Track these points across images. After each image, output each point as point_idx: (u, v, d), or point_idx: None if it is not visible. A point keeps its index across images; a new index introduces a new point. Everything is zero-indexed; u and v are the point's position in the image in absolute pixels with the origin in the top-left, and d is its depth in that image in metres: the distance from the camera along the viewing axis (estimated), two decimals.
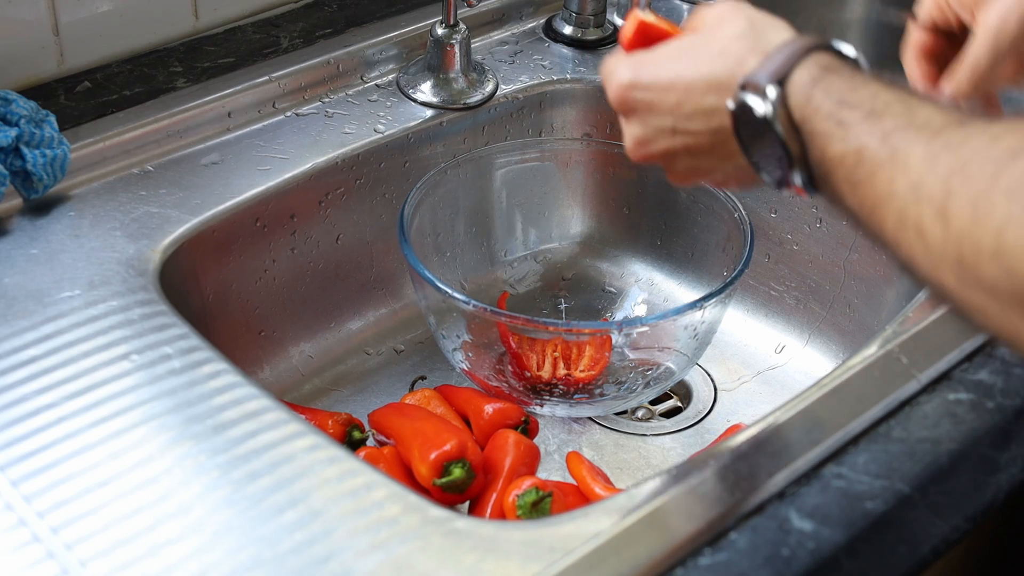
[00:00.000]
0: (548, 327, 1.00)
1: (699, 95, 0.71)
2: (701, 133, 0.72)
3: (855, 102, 0.63)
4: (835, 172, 0.64)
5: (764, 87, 0.66)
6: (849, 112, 0.63)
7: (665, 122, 0.73)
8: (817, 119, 0.64)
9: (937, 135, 0.59)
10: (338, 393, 1.07)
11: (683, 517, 0.71)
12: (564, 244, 1.20)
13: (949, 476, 0.76)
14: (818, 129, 0.64)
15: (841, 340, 1.10)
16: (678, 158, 0.75)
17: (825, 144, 0.64)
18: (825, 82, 0.65)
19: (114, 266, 0.89)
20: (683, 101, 0.72)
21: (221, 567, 0.67)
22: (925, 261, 0.59)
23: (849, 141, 0.62)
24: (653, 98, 0.73)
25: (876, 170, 0.61)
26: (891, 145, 0.61)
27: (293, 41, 1.14)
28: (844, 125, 0.63)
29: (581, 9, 1.21)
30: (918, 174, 0.59)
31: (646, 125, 0.74)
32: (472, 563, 0.68)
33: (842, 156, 0.63)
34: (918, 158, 0.59)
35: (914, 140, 0.60)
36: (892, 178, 0.60)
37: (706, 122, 0.71)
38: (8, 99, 0.93)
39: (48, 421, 0.75)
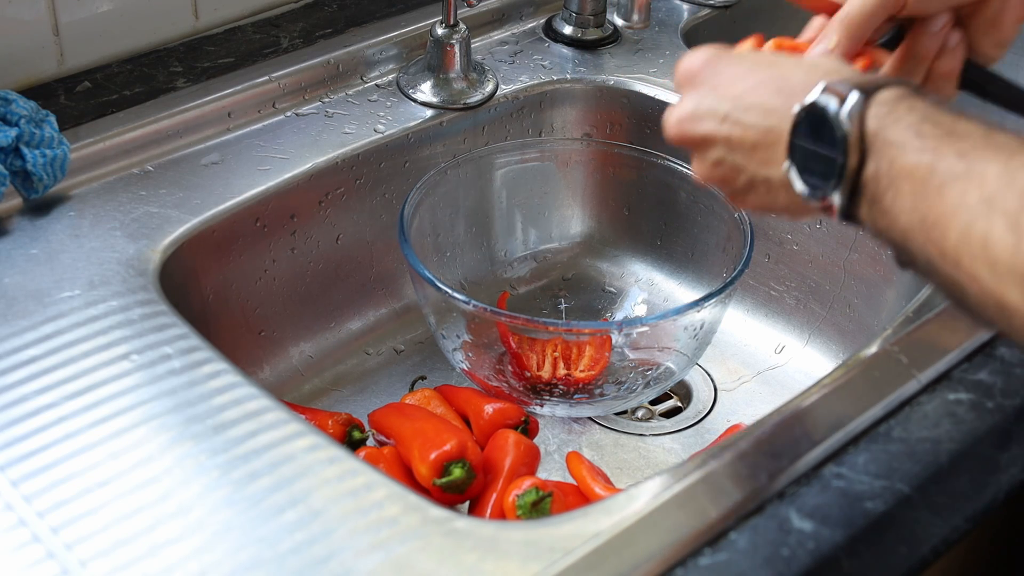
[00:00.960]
0: (548, 327, 1.00)
1: (768, 92, 0.71)
2: (752, 127, 0.71)
3: (936, 120, 0.64)
4: (899, 185, 0.63)
5: (846, 93, 0.66)
6: (930, 127, 0.63)
7: (722, 106, 0.72)
8: (895, 128, 0.64)
9: (1014, 155, 0.60)
10: (338, 393, 1.07)
11: (683, 517, 0.71)
12: (564, 244, 1.20)
13: (949, 476, 0.76)
14: (893, 138, 0.64)
15: (841, 340, 1.10)
16: (714, 147, 0.74)
17: (897, 154, 0.64)
18: (909, 100, 0.65)
19: (114, 266, 0.89)
20: (748, 92, 0.71)
21: (221, 567, 0.67)
22: (988, 276, 0.59)
23: (925, 153, 0.62)
24: (721, 80, 0.73)
25: (948, 183, 0.61)
26: (967, 161, 0.61)
27: (293, 41, 1.14)
28: (923, 137, 0.63)
29: (581, 9, 1.21)
30: (993, 188, 0.59)
31: (700, 102, 0.74)
32: (472, 563, 0.68)
33: (914, 167, 0.63)
34: (995, 174, 0.59)
35: (992, 158, 0.60)
36: (965, 191, 0.60)
37: (763, 118, 0.71)
38: (8, 99, 0.93)
39: (48, 421, 0.75)
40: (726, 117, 0.72)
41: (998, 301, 0.59)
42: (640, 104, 1.16)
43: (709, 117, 0.73)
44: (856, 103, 0.65)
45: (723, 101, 0.72)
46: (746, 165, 0.73)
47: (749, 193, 0.74)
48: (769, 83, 0.71)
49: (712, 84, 0.73)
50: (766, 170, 0.71)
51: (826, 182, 0.67)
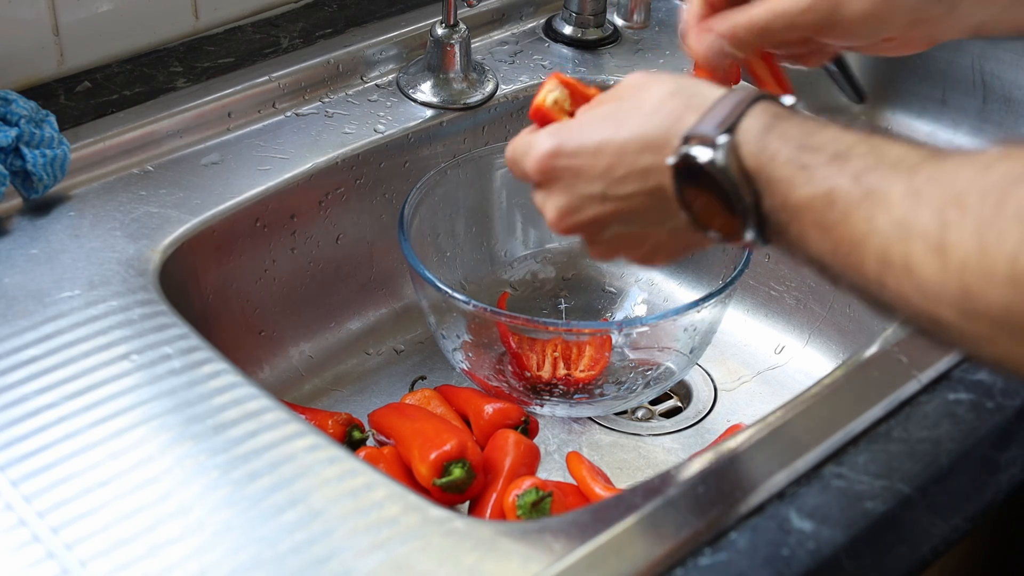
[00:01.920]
0: (548, 327, 1.00)
1: (632, 156, 0.68)
2: (636, 196, 0.69)
3: (816, 145, 0.62)
4: (801, 218, 0.61)
5: (713, 137, 0.64)
6: (811, 155, 0.61)
7: (594, 188, 0.70)
8: (775, 165, 0.62)
9: (915, 171, 0.58)
10: (338, 393, 1.07)
11: (683, 517, 0.71)
12: (564, 244, 1.20)
13: (949, 476, 0.76)
14: (778, 175, 0.62)
15: (841, 340, 1.10)
16: (607, 226, 0.71)
17: (787, 191, 0.62)
18: (779, 128, 0.63)
19: (114, 266, 0.89)
20: (615, 164, 0.69)
21: (221, 567, 0.67)
22: (918, 297, 0.57)
23: (816, 184, 0.60)
24: (581, 164, 0.70)
25: (851, 210, 0.59)
26: (864, 184, 0.59)
27: (293, 41, 1.14)
28: (808, 169, 0.61)
29: (581, 9, 1.21)
30: (902, 210, 0.57)
31: (572, 193, 0.71)
32: (472, 563, 0.68)
33: (810, 200, 0.61)
34: (899, 194, 0.57)
35: (891, 177, 0.58)
36: (871, 217, 0.58)
37: (642, 183, 0.68)
38: (8, 99, 0.93)
39: (48, 421, 0.75)
40: (604, 196, 0.70)
41: (931, 318, 0.58)
42: None
43: (588, 203, 0.71)
44: (727, 146, 0.63)
45: (593, 182, 0.70)
46: (645, 228, 0.71)
47: (658, 252, 0.73)
48: (630, 145, 0.68)
49: (573, 171, 0.70)
50: (667, 224, 0.69)
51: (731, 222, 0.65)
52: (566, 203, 0.72)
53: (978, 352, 0.58)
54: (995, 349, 0.56)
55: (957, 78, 1.37)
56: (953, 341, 0.58)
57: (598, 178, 0.69)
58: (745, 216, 0.64)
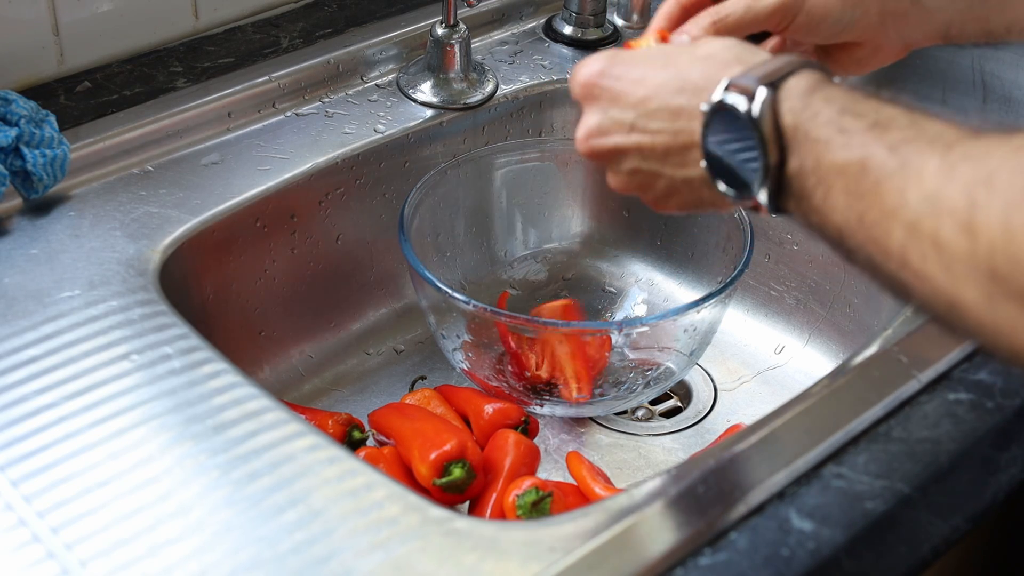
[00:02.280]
0: (548, 327, 1.00)
1: (669, 94, 0.69)
2: (661, 132, 0.69)
3: (859, 111, 0.61)
4: (831, 182, 0.61)
5: (753, 89, 0.64)
6: (853, 120, 0.61)
7: (626, 115, 0.71)
8: (815, 124, 0.62)
9: (951, 147, 0.57)
10: (338, 393, 1.07)
11: (683, 517, 0.71)
12: (564, 244, 1.20)
13: (949, 476, 0.76)
14: (816, 135, 0.62)
15: (841, 340, 1.10)
16: (626, 157, 0.72)
17: (823, 152, 0.61)
18: (824, 91, 0.63)
19: (114, 266, 0.89)
20: (650, 96, 0.70)
21: (221, 567, 0.67)
22: (942, 276, 0.56)
23: (853, 149, 0.60)
24: (621, 88, 0.71)
25: (884, 180, 0.58)
26: (901, 156, 0.58)
27: (293, 41, 1.14)
28: (847, 132, 0.60)
29: (581, 9, 1.21)
30: (934, 185, 0.56)
31: (605, 115, 0.72)
32: (472, 563, 0.68)
33: (844, 165, 0.60)
34: (932, 169, 0.56)
35: (927, 151, 0.57)
36: (903, 189, 0.57)
37: (670, 121, 0.69)
38: (8, 99, 0.93)
39: (48, 421, 0.75)
40: (633, 126, 0.70)
41: (951, 300, 0.56)
42: None
43: (615, 129, 0.71)
44: (766, 100, 0.63)
45: (627, 110, 0.71)
46: (662, 170, 0.71)
47: (671, 197, 0.73)
48: (670, 83, 0.69)
49: (612, 94, 0.71)
50: (684, 172, 0.70)
51: (748, 180, 0.65)
52: (596, 123, 0.73)
53: (997, 342, 0.56)
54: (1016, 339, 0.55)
55: (957, 78, 1.37)
56: (969, 328, 0.57)
57: (632, 106, 0.70)
58: (763, 175, 0.64)
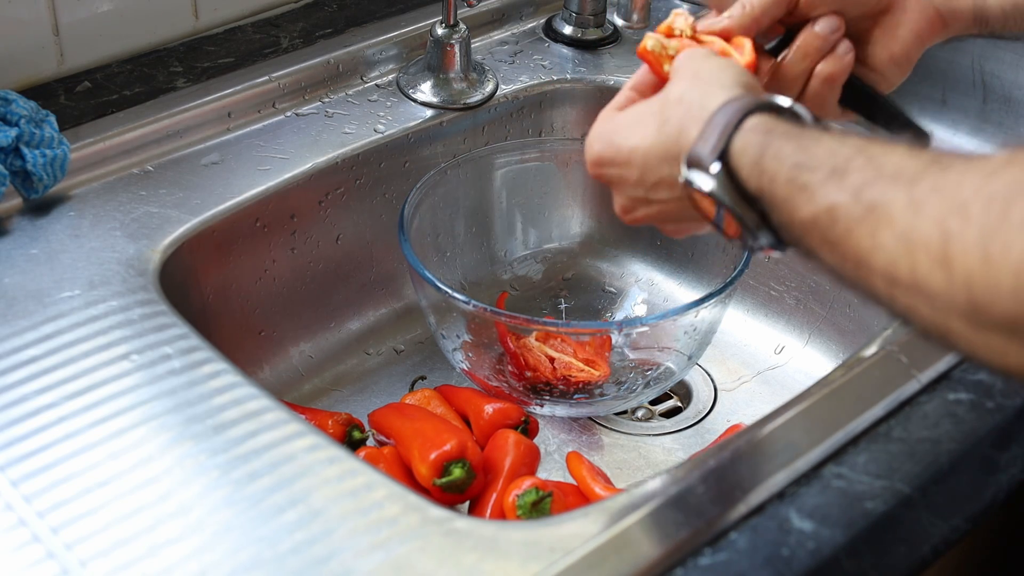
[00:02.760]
0: (548, 327, 1.00)
1: (656, 167, 0.72)
2: (669, 201, 0.73)
3: (812, 163, 0.62)
4: (808, 234, 0.62)
5: (708, 164, 0.66)
6: (809, 174, 0.61)
7: (637, 192, 0.75)
8: (775, 187, 0.63)
9: (916, 181, 0.57)
10: (338, 393, 1.07)
11: (683, 517, 0.71)
12: (564, 244, 1.20)
13: (949, 476, 0.76)
14: (780, 196, 0.63)
15: (841, 340, 1.10)
16: (662, 221, 0.77)
17: (792, 210, 0.62)
18: (773, 148, 0.64)
19: (114, 266, 0.89)
20: (645, 174, 0.73)
21: (221, 567, 0.67)
22: (927, 311, 0.56)
23: (817, 202, 0.61)
24: (620, 173, 0.75)
25: (853, 227, 0.59)
26: (866, 200, 0.58)
27: (293, 41, 1.14)
28: (807, 188, 0.61)
29: (581, 9, 1.21)
30: (904, 224, 0.56)
31: (624, 196, 0.76)
32: (472, 563, 0.68)
33: (813, 218, 0.61)
34: (900, 206, 0.56)
35: (891, 190, 0.57)
36: (874, 232, 0.58)
37: (670, 191, 0.72)
38: (8, 99, 0.93)
39: (48, 421, 0.75)
40: (647, 199, 0.75)
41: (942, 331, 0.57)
42: None
43: (638, 204, 0.76)
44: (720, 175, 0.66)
45: (635, 188, 0.75)
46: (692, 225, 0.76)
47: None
48: (652, 156, 0.72)
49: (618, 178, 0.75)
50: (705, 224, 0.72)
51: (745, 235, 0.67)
52: (621, 204, 0.77)
53: (991, 362, 0.56)
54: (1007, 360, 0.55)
55: (957, 78, 1.37)
56: (967, 352, 0.57)
57: (636, 185, 0.74)
58: (755, 230, 0.66)
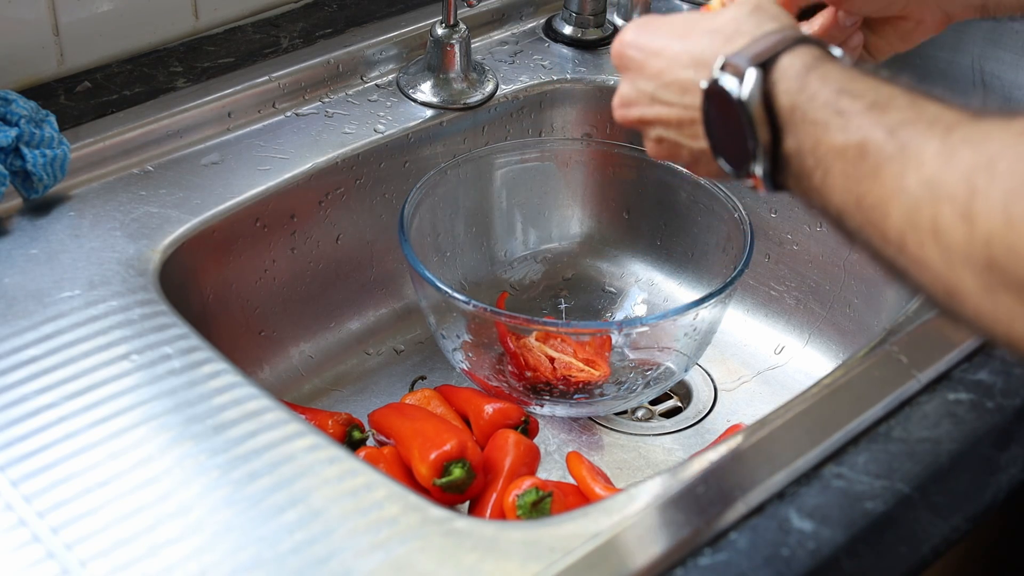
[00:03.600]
0: (548, 327, 1.00)
1: (680, 67, 0.70)
2: (674, 106, 0.71)
3: (856, 91, 0.60)
4: (830, 165, 0.60)
5: (744, 69, 0.64)
6: (850, 101, 0.60)
7: (648, 86, 0.73)
8: (813, 107, 0.61)
9: (951, 130, 0.56)
10: (338, 393, 1.07)
11: (683, 517, 0.71)
12: (564, 244, 1.20)
13: (949, 476, 0.76)
14: (813, 117, 0.61)
15: (841, 340, 1.10)
16: (652, 127, 0.74)
17: (821, 134, 0.61)
18: (821, 69, 0.63)
19: (114, 266, 0.89)
20: (665, 69, 0.71)
21: (221, 567, 0.67)
22: (940, 262, 0.55)
23: (851, 132, 0.59)
24: (643, 60, 0.73)
25: (883, 164, 0.57)
26: (900, 139, 0.57)
27: (293, 41, 1.14)
28: (845, 115, 0.60)
29: (581, 9, 1.21)
30: (933, 170, 0.55)
31: (633, 85, 0.74)
32: (472, 563, 0.68)
33: (843, 148, 0.59)
34: (932, 153, 0.55)
35: (926, 134, 0.56)
36: (902, 173, 0.56)
37: (680, 95, 0.71)
38: (8, 99, 0.93)
39: (48, 421, 0.75)
40: (653, 97, 0.73)
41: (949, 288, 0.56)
42: None
43: (641, 99, 0.74)
44: (755, 81, 0.64)
45: (648, 81, 0.73)
46: (681, 140, 0.73)
47: (698, 164, 0.74)
48: (682, 56, 0.71)
49: (636, 64, 0.74)
50: (698, 143, 0.71)
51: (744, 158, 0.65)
52: (625, 93, 0.75)
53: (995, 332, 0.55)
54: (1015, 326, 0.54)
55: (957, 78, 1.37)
56: (967, 315, 0.56)
57: (651, 78, 0.73)
58: (755, 154, 0.64)
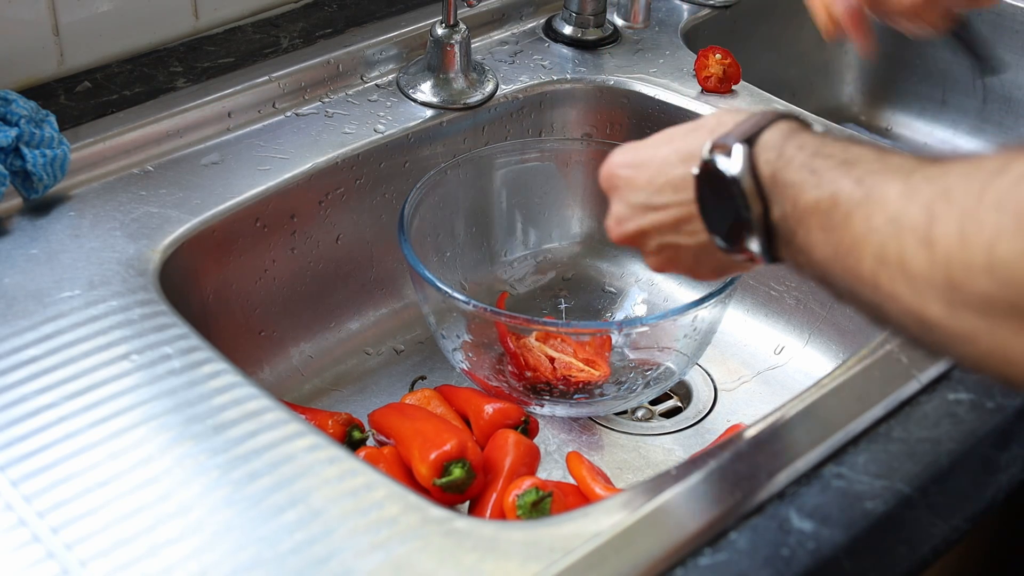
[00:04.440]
0: (548, 327, 1.00)
1: (670, 167, 0.73)
2: (671, 206, 0.73)
3: (828, 153, 0.65)
4: (808, 221, 0.64)
5: (731, 146, 0.67)
6: (822, 161, 0.64)
7: (639, 197, 0.75)
8: (789, 170, 0.65)
9: (913, 173, 0.60)
10: (338, 393, 1.07)
11: (683, 517, 0.71)
12: (564, 244, 1.20)
13: (949, 476, 0.76)
14: (790, 179, 0.65)
15: (841, 340, 1.10)
16: (650, 237, 0.76)
17: (797, 194, 0.64)
18: (797, 138, 0.67)
19: (114, 266, 0.89)
20: (656, 175, 0.74)
21: (221, 567, 0.67)
22: (908, 293, 0.59)
23: (823, 187, 0.63)
24: (632, 174, 0.76)
25: (853, 211, 0.61)
26: (866, 186, 0.61)
27: (293, 41, 1.14)
28: (817, 172, 0.64)
29: (581, 9, 1.21)
30: (896, 208, 0.59)
31: (624, 202, 0.77)
32: (472, 563, 0.68)
33: (816, 202, 0.63)
34: (895, 193, 0.60)
35: (890, 179, 0.61)
36: (869, 216, 0.60)
37: (674, 194, 0.73)
38: (8, 99, 0.93)
39: (48, 421, 0.75)
40: (647, 206, 0.75)
41: (919, 317, 0.59)
42: (640, 104, 1.16)
43: (634, 213, 0.76)
44: (743, 155, 0.67)
45: (640, 191, 0.75)
46: (680, 241, 0.75)
47: (700, 265, 0.76)
48: (672, 156, 0.73)
49: (627, 179, 0.76)
50: (697, 239, 0.73)
51: (740, 234, 0.68)
52: (618, 212, 0.78)
53: (962, 352, 0.59)
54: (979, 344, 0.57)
55: (957, 78, 1.37)
56: (938, 343, 0.60)
57: (642, 188, 0.75)
58: (751, 225, 0.67)
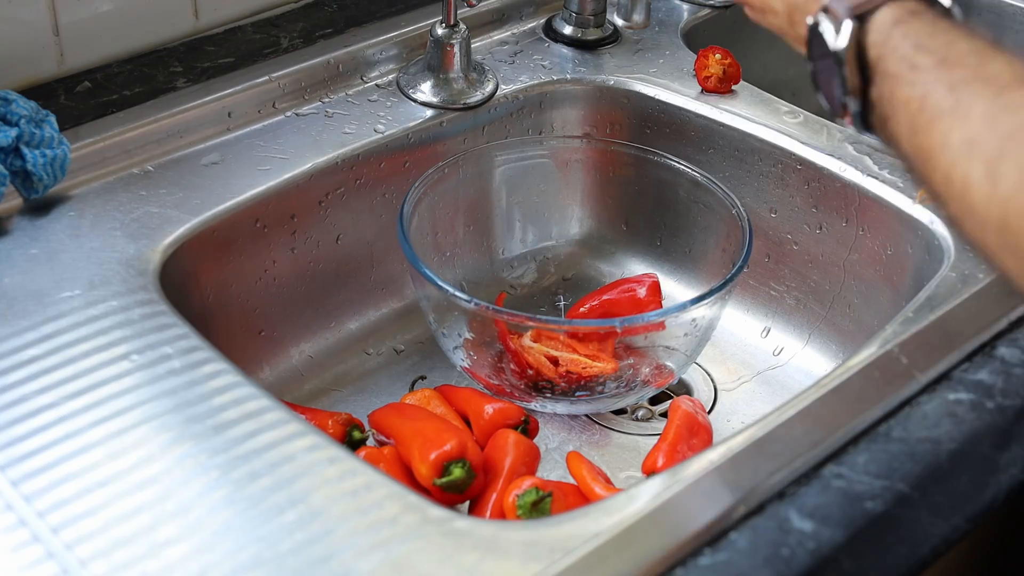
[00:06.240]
0: (548, 326, 1.00)
1: None
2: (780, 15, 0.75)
3: (931, 47, 0.64)
4: (898, 115, 0.64)
5: (842, 19, 0.67)
6: (924, 56, 0.63)
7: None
8: (892, 60, 0.65)
9: (1003, 91, 0.59)
10: (338, 393, 1.07)
11: (683, 517, 0.71)
12: (564, 243, 1.20)
13: (949, 476, 0.76)
14: (891, 70, 0.65)
15: (841, 340, 1.10)
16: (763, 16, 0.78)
17: (895, 86, 0.64)
18: (906, 24, 0.65)
19: (114, 266, 0.89)
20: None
21: (221, 567, 0.67)
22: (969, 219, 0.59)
23: (917, 87, 0.63)
24: None
25: (936, 120, 0.61)
26: (956, 96, 0.60)
27: (293, 41, 1.14)
28: (916, 68, 0.63)
29: (581, 9, 1.21)
30: (975, 130, 0.58)
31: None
32: (472, 563, 0.68)
33: (907, 100, 0.63)
34: (979, 113, 0.59)
35: (980, 93, 0.59)
36: (950, 129, 0.60)
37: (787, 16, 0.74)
38: (8, 99, 0.93)
39: (48, 421, 0.75)
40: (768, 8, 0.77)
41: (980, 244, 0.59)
42: (640, 104, 1.16)
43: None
44: (850, 35, 0.66)
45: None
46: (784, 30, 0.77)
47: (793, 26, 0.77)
48: None
49: None
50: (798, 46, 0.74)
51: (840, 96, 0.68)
52: None
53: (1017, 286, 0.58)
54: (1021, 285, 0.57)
55: None
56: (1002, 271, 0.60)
57: None
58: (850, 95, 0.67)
